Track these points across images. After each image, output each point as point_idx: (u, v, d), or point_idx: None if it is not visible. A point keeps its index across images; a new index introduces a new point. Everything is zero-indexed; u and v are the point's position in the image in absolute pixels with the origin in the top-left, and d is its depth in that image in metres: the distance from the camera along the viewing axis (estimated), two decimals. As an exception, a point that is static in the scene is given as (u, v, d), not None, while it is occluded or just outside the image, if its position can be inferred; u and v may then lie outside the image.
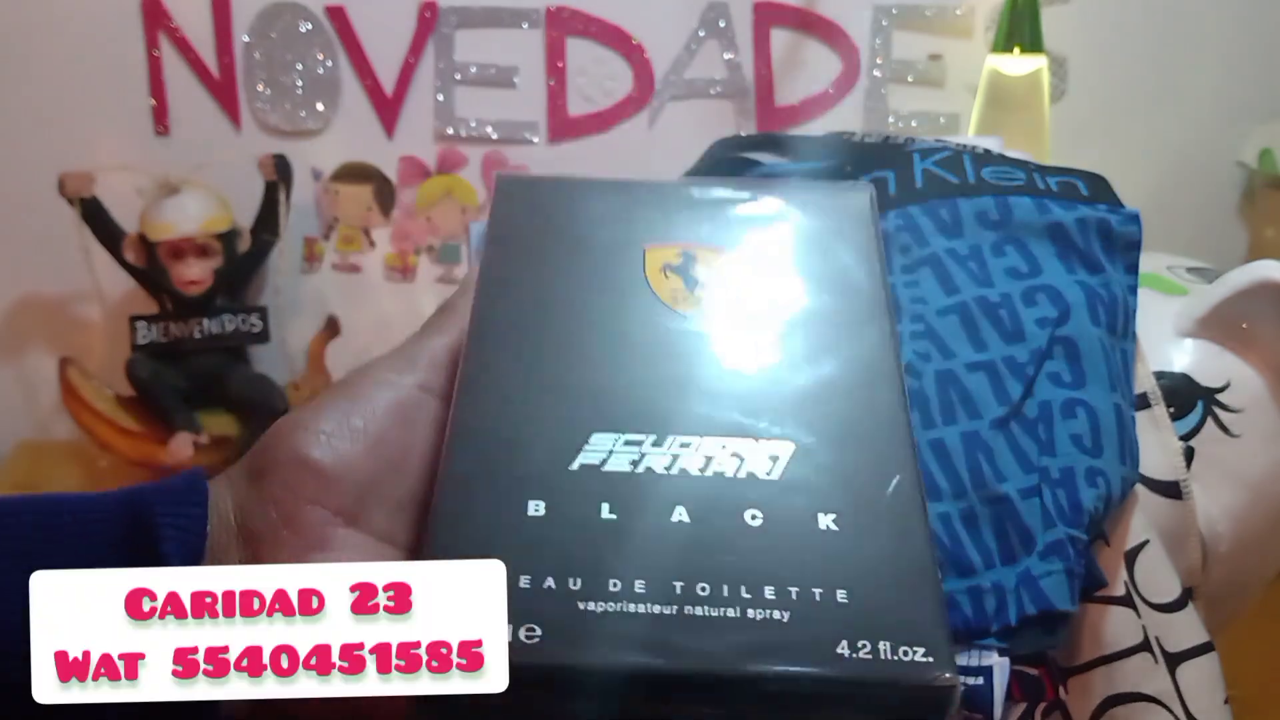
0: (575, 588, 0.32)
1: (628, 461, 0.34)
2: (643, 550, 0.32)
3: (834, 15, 1.51)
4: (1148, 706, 0.68)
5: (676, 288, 0.38)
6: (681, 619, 0.31)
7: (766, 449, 0.34)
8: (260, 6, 1.51)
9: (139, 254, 1.42)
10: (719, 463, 0.34)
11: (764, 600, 0.31)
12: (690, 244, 0.40)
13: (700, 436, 0.35)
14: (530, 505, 0.34)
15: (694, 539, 0.33)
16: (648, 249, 0.40)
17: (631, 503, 0.33)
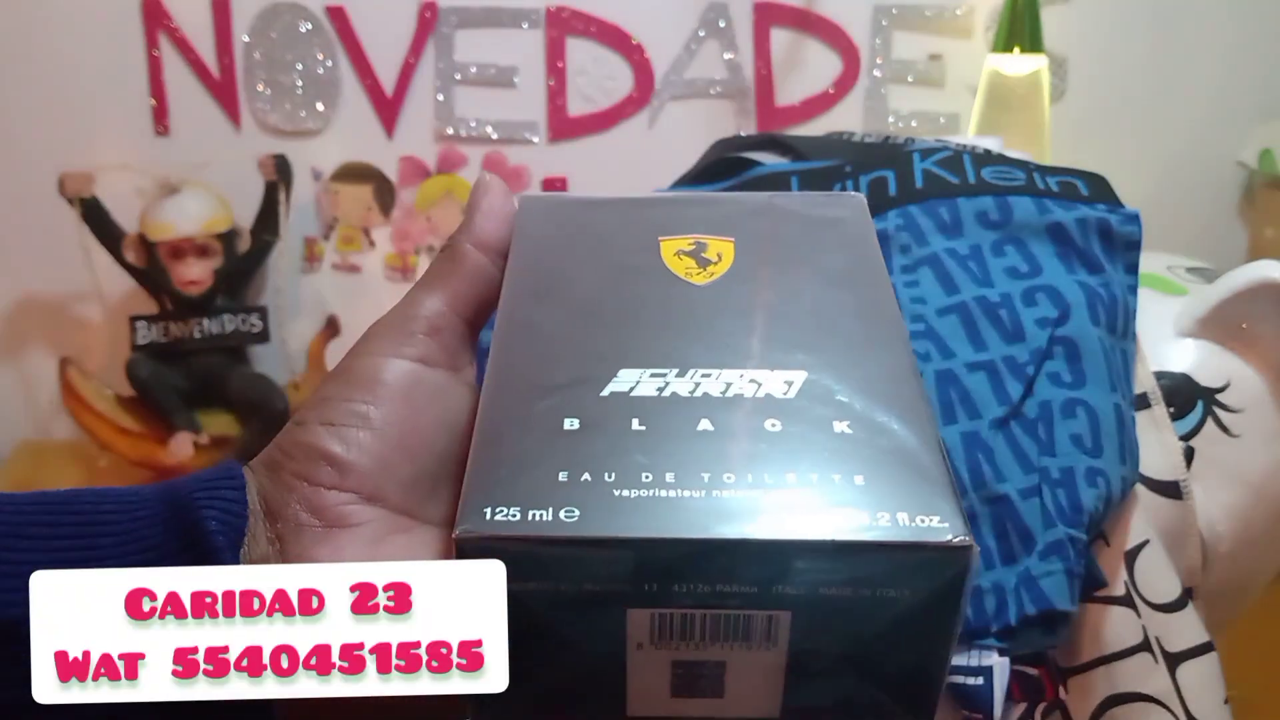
0: (610, 479, 0.34)
1: (654, 389, 0.37)
2: (671, 450, 0.35)
3: (834, 15, 1.51)
4: (1148, 706, 0.68)
5: (690, 265, 0.42)
6: (710, 500, 0.33)
7: (782, 376, 0.37)
8: (260, 6, 1.51)
9: (139, 254, 1.42)
10: (738, 387, 0.37)
11: (787, 484, 0.33)
12: (701, 235, 0.43)
13: (720, 369, 0.37)
14: (566, 421, 0.36)
15: (718, 442, 0.35)
16: (663, 240, 0.43)
17: (659, 417, 0.36)
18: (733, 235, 0.43)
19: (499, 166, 1.55)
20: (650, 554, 0.32)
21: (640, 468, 0.34)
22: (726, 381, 0.37)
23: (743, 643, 0.34)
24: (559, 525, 0.32)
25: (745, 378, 0.37)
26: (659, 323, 0.40)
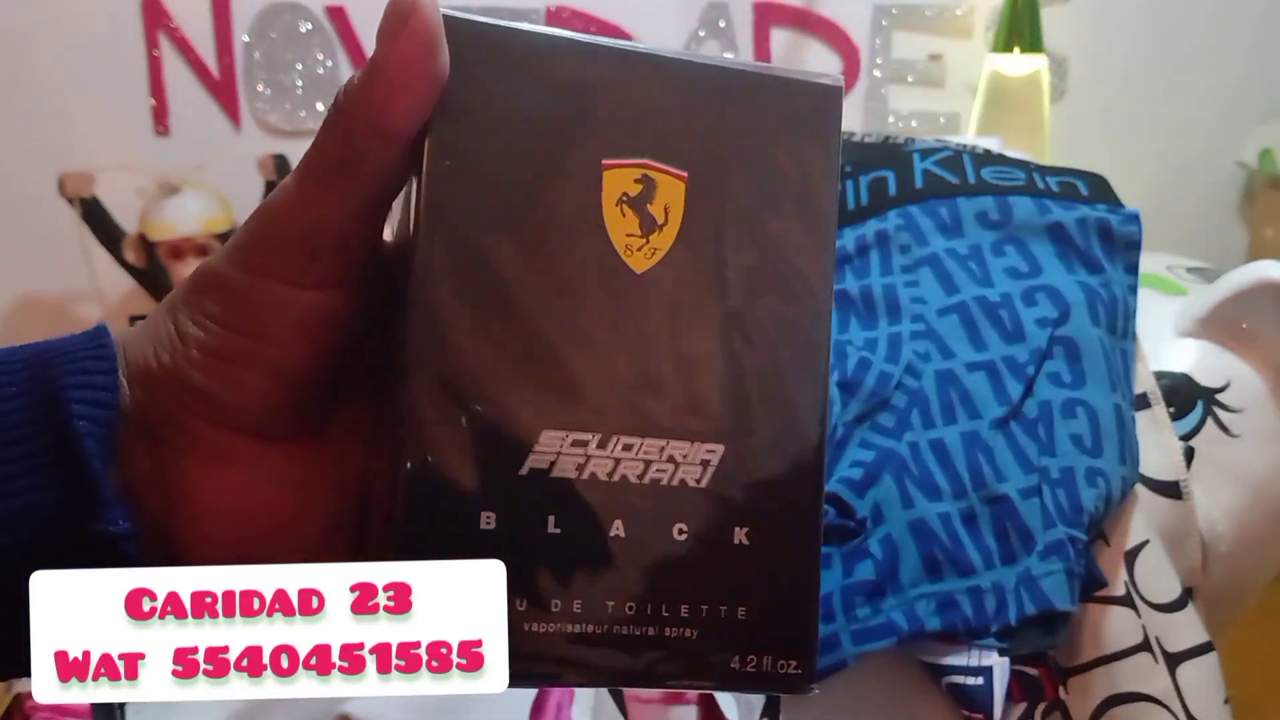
0: (521, 608, 0.34)
1: (573, 466, 0.35)
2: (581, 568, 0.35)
3: (834, 15, 1.51)
4: (1148, 706, 0.68)
5: (631, 230, 0.36)
6: (610, 639, 0.35)
7: (700, 453, 0.36)
8: (260, 6, 1.51)
9: (139, 254, 1.42)
10: (656, 468, 0.36)
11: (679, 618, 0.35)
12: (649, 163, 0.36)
13: (641, 438, 0.36)
14: (483, 518, 0.35)
15: (626, 555, 0.35)
16: (606, 168, 0.36)
17: (573, 517, 0.35)
18: (686, 166, 0.36)
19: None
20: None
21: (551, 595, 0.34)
22: (646, 459, 0.36)
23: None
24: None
25: (664, 453, 0.36)
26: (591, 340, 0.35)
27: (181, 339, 0.36)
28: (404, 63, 0.34)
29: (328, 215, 0.35)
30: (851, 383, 0.72)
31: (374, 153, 0.35)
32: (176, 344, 0.36)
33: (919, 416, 0.71)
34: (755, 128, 0.37)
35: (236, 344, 0.36)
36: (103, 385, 0.35)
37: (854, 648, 0.64)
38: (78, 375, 0.35)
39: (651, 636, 0.35)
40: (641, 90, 0.36)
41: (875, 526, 0.68)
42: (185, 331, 0.36)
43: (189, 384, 0.36)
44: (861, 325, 0.76)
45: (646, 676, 0.35)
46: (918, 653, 0.66)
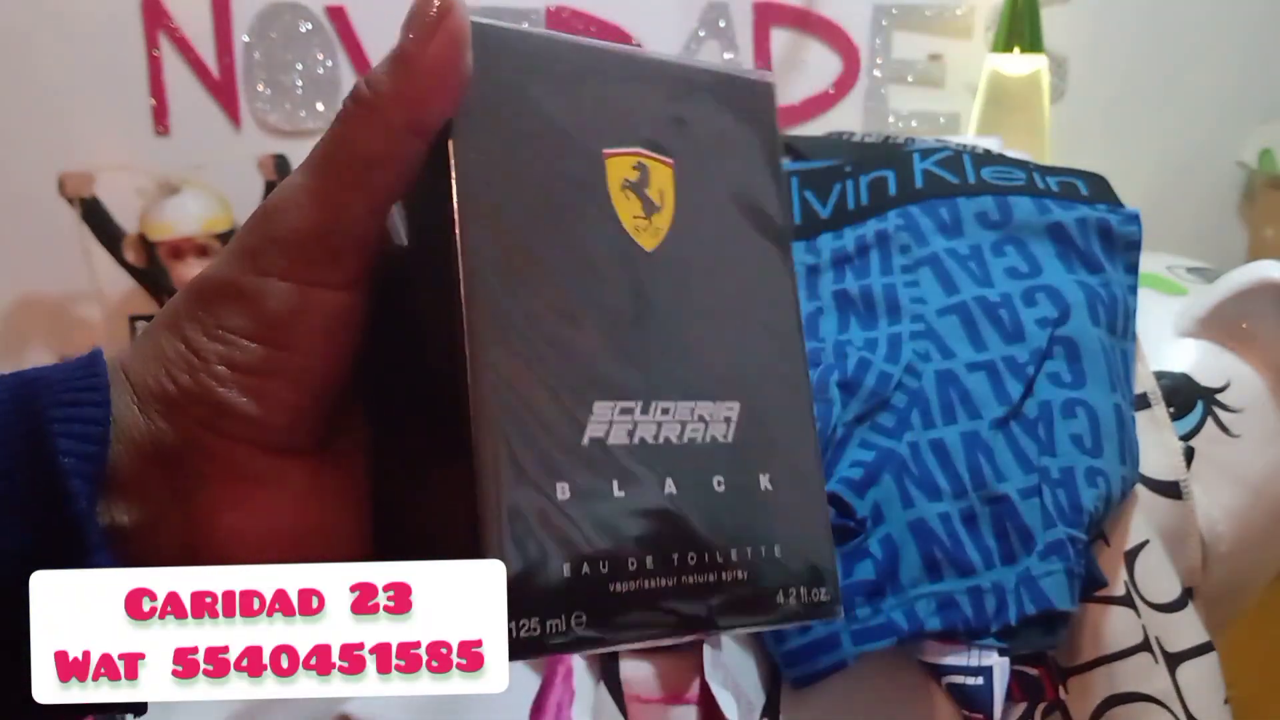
0: (605, 571, 0.36)
1: (625, 433, 0.37)
2: (647, 526, 0.37)
3: (834, 15, 1.51)
4: (1148, 706, 0.68)
5: (637, 213, 0.39)
6: (681, 590, 0.37)
7: (722, 411, 0.39)
8: (260, 6, 1.51)
9: (139, 254, 1.42)
10: (691, 429, 0.39)
11: (731, 563, 0.38)
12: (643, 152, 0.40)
13: (674, 401, 0.38)
14: (559, 488, 0.36)
15: (681, 511, 0.38)
16: (607, 156, 0.39)
17: (633, 478, 0.37)
18: (672, 155, 0.40)
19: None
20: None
21: (628, 554, 0.36)
22: (681, 421, 0.38)
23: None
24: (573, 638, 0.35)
25: (695, 414, 0.39)
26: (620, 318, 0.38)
27: (199, 356, 0.34)
28: (439, 59, 0.34)
29: (352, 212, 0.35)
30: (851, 383, 0.72)
31: (406, 147, 0.35)
32: (194, 362, 0.34)
33: (919, 416, 0.71)
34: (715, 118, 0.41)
35: (264, 356, 0.35)
36: (92, 419, 0.34)
37: (854, 648, 0.64)
38: (65, 408, 0.34)
39: (713, 583, 0.38)
40: (627, 86, 0.40)
41: (875, 526, 0.68)
42: (203, 348, 0.34)
43: (216, 403, 0.34)
44: (861, 325, 0.76)
45: (711, 621, 0.38)
46: (918, 653, 0.66)
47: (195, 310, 0.35)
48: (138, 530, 0.35)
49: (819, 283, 0.79)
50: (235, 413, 0.35)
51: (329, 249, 0.35)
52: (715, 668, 0.63)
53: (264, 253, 0.35)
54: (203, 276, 0.36)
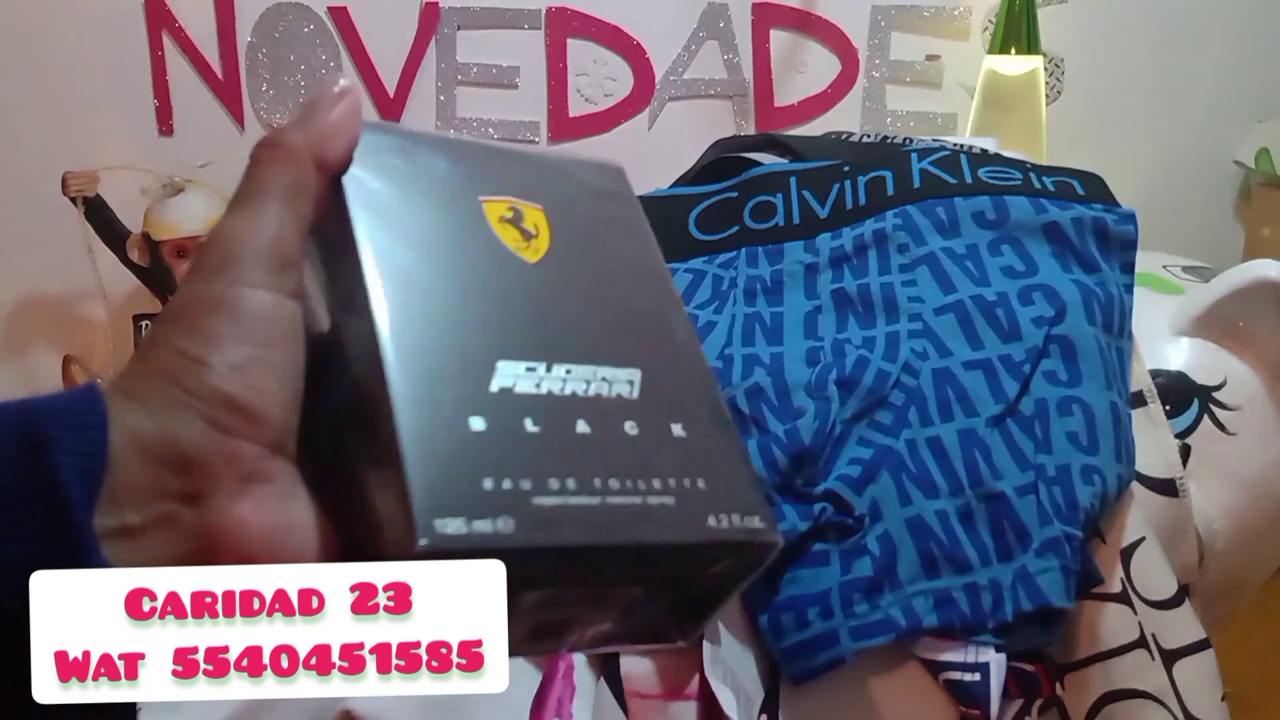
0: (526, 487, 0.37)
1: (532, 385, 0.40)
2: (565, 456, 0.39)
3: (832, 16, 1.51)
4: (1144, 703, 0.68)
5: (516, 237, 0.45)
6: (607, 508, 0.38)
7: (624, 374, 0.42)
8: (264, 7, 1.51)
9: (143, 253, 1.43)
10: (596, 386, 0.42)
11: (653, 489, 0.39)
12: (515, 199, 0.46)
13: (577, 364, 0.42)
14: (473, 420, 0.38)
15: (595, 446, 0.40)
16: (484, 201, 0.45)
17: (545, 418, 0.40)
18: (540, 202, 0.46)
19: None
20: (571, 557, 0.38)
21: (548, 474, 0.38)
22: (585, 379, 0.41)
23: (597, 608, 0.41)
24: (499, 537, 0.35)
25: (599, 375, 0.42)
26: (515, 307, 0.43)
27: (198, 361, 0.37)
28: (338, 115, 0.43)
29: (289, 229, 0.40)
30: (849, 381, 0.72)
31: (314, 179, 0.42)
32: (195, 367, 0.37)
33: (916, 414, 0.71)
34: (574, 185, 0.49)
35: (253, 354, 0.38)
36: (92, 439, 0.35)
37: (852, 644, 0.64)
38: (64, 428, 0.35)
39: (639, 505, 0.39)
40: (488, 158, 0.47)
41: (873, 524, 0.68)
42: (198, 354, 0.37)
43: (223, 399, 0.37)
44: (859, 324, 0.76)
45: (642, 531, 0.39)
46: (915, 649, 0.66)
47: (180, 327, 0.38)
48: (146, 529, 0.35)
49: (817, 282, 0.79)
50: (238, 406, 0.37)
51: (281, 261, 0.40)
52: (715, 663, 0.64)
53: (226, 267, 0.39)
54: (176, 300, 0.40)
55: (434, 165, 0.46)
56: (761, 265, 0.81)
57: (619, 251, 0.47)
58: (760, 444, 0.70)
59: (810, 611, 0.65)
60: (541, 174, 0.48)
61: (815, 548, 0.68)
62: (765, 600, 0.67)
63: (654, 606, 0.42)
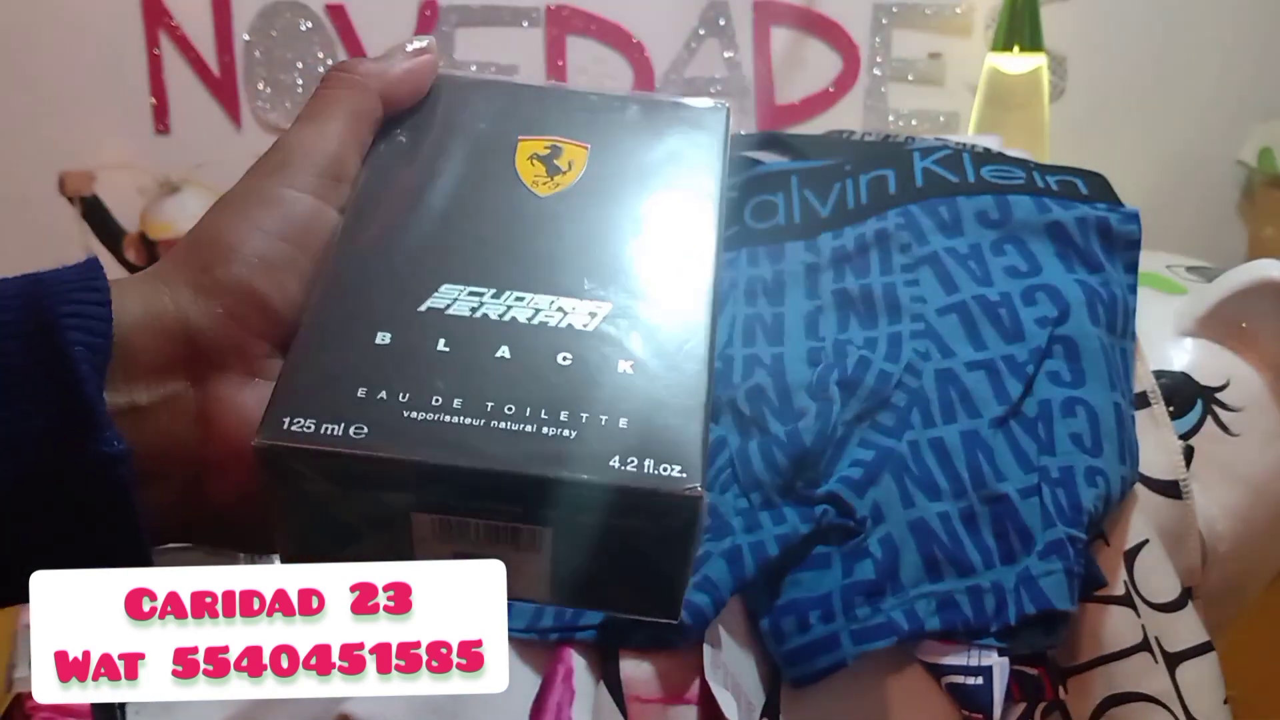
0: (403, 399, 0.37)
1: (468, 309, 0.40)
2: (465, 376, 0.38)
3: (834, 14, 1.51)
4: (1147, 706, 0.68)
5: (539, 173, 0.45)
6: (488, 430, 0.37)
7: (588, 306, 0.41)
8: (261, 5, 1.51)
9: (140, 253, 1.43)
10: (545, 315, 0.40)
11: (558, 421, 0.37)
12: (559, 138, 0.46)
13: (533, 293, 0.41)
14: (379, 335, 0.39)
15: (510, 371, 0.39)
16: (521, 139, 0.46)
17: (464, 339, 0.39)
18: (589, 140, 0.46)
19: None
20: (424, 475, 0.36)
21: (433, 391, 0.37)
22: (536, 308, 0.40)
23: (511, 546, 0.38)
24: (345, 441, 0.36)
25: (554, 305, 0.41)
26: (493, 236, 0.43)
27: (231, 248, 0.39)
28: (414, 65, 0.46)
29: (348, 147, 0.44)
30: (851, 382, 0.72)
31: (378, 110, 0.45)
32: (228, 254, 0.39)
33: (919, 415, 0.71)
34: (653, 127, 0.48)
35: (288, 254, 0.40)
36: (96, 315, 0.37)
37: (854, 647, 0.64)
38: (72, 304, 0.37)
39: (529, 433, 0.37)
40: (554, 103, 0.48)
41: (875, 526, 0.68)
42: (234, 240, 0.40)
43: (247, 292, 0.39)
44: (861, 325, 0.76)
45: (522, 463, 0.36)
46: (917, 652, 0.66)
47: (226, 213, 0.41)
48: (153, 409, 0.37)
49: (819, 281, 0.79)
50: (263, 304, 0.39)
51: (334, 175, 0.43)
52: (715, 667, 0.63)
53: (286, 170, 0.42)
54: (235, 190, 0.42)
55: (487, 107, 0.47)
56: (762, 265, 0.81)
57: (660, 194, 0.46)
58: (761, 445, 0.70)
59: (811, 615, 0.65)
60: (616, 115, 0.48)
61: (817, 550, 0.67)
62: (766, 603, 0.66)
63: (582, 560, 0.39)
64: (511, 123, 0.47)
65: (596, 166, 0.46)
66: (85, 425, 0.35)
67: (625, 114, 0.48)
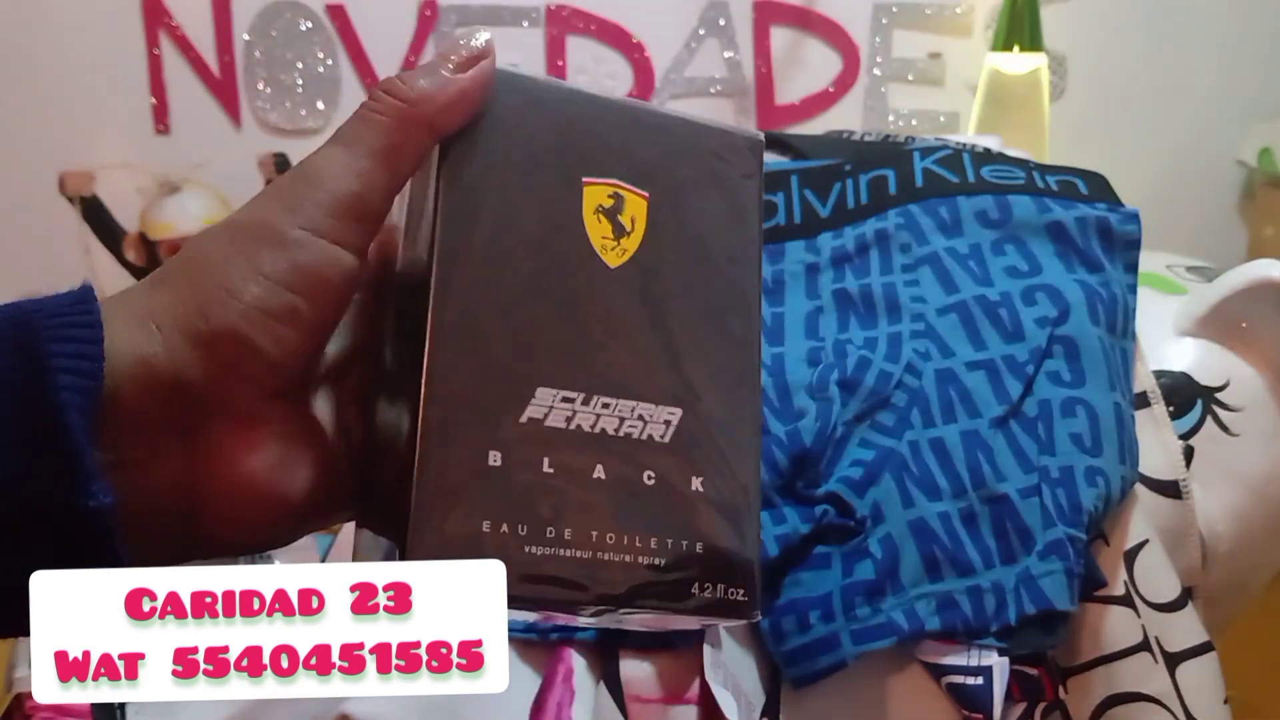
0: (522, 533, 0.39)
1: (563, 419, 0.41)
2: (570, 503, 0.40)
3: (834, 13, 1.51)
4: (1147, 706, 0.68)
5: (607, 234, 0.43)
6: (595, 562, 0.40)
7: (664, 413, 0.43)
8: (260, 5, 1.51)
9: (140, 253, 1.43)
10: (629, 425, 0.42)
11: (649, 549, 0.41)
12: (621, 183, 0.44)
13: (617, 398, 0.42)
14: (491, 455, 0.40)
15: (608, 493, 0.41)
16: (586, 184, 0.44)
17: (565, 459, 0.41)
18: (648, 189, 0.45)
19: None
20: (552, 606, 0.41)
21: (545, 523, 0.40)
22: (620, 416, 0.42)
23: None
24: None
25: (635, 412, 0.42)
26: (575, 323, 0.42)
27: (236, 297, 0.37)
28: (469, 86, 0.41)
29: (376, 186, 0.40)
30: (851, 382, 0.72)
31: (422, 142, 0.41)
32: (230, 302, 0.37)
33: (919, 415, 0.71)
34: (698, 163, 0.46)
35: (292, 305, 0.38)
36: (88, 355, 0.35)
37: (854, 647, 0.64)
38: (63, 343, 0.35)
39: (628, 563, 0.41)
40: (612, 126, 0.45)
41: (875, 526, 0.68)
42: (241, 290, 0.37)
43: (246, 346, 0.37)
44: (861, 325, 0.76)
45: (624, 599, 0.41)
46: (917, 653, 0.66)
47: (238, 245, 0.38)
48: (138, 462, 0.36)
49: (819, 281, 0.79)
50: (259, 357, 0.37)
51: (356, 216, 0.39)
52: (715, 667, 0.63)
53: (305, 208, 0.39)
54: (243, 219, 0.39)
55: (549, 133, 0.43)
56: (763, 265, 0.81)
57: (712, 251, 0.46)
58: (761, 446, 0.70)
59: (812, 615, 0.65)
60: (665, 148, 0.46)
61: (817, 550, 0.67)
62: (766, 603, 0.66)
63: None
64: (574, 156, 0.44)
65: (654, 227, 0.44)
66: (71, 475, 0.34)
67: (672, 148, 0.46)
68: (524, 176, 0.43)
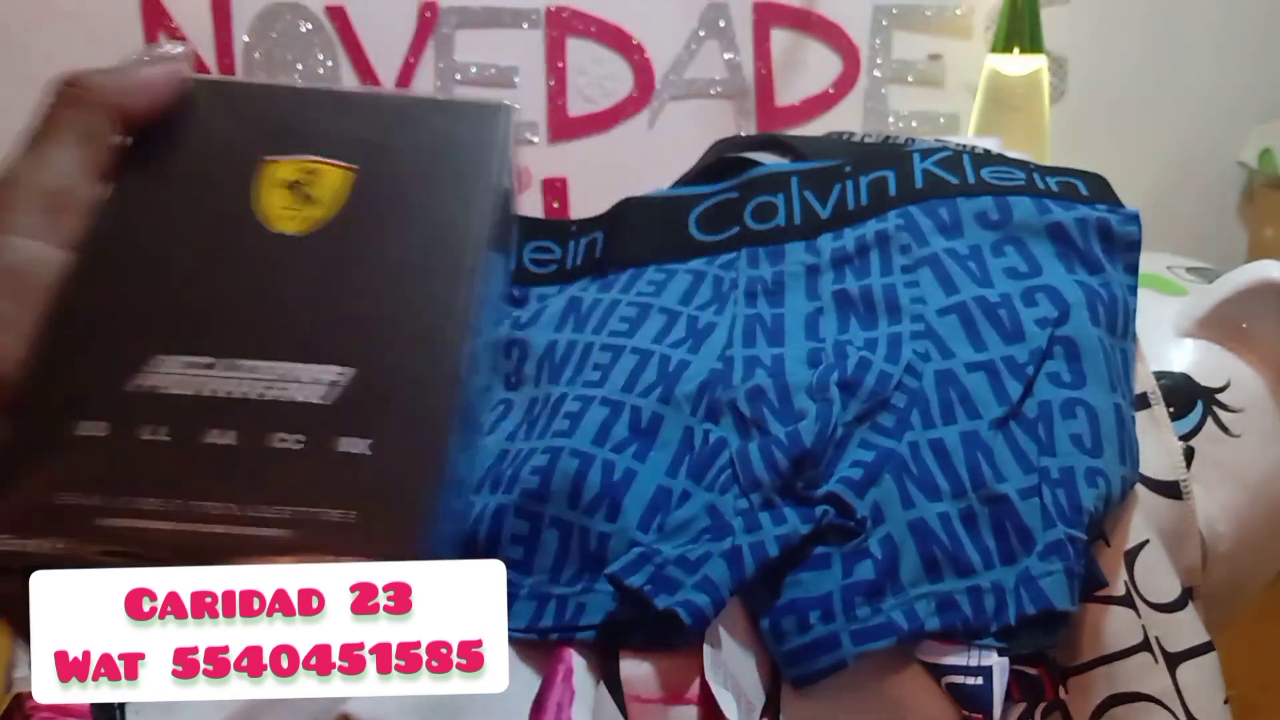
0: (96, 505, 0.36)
1: (185, 385, 0.39)
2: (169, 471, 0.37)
3: (834, 15, 1.51)
4: (1148, 706, 0.68)
5: (285, 204, 0.43)
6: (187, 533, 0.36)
7: (328, 374, 0.40)
8: (260, 6, 1.51)
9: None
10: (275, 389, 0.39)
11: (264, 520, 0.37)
12: (314, 159, 0.44)
13: (261, 360, 0.40)
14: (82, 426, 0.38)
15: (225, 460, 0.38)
16: (266, 161, 0.44)
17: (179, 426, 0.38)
18: (358, 161, 0.44)
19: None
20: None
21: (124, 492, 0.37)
22: (265, 380, 0.39)
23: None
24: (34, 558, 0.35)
25: (288, 374, 0.39)
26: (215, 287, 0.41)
27: None
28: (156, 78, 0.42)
29: (75, 176, 0.40)
30: (851, 383, 0.72)
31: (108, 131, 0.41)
32: None
33: (919, 416, 0.71)
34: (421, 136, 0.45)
35: (5, 311, 0.37)
36: None
37: (854, 647, 0.64)
38: None
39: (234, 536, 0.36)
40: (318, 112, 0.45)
41: (875, 526, 0.68)
42: None
43: None
44: (861, 326, 0.76)
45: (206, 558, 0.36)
46: (917, 652, 0.66)
47: None
48: None
49: (819, 283, 0.79)
50: None
51: (61, 209, 0.39)
52: (715, 668, 0.63)
53: (12, 214, 0.38)
54: None
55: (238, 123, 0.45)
56: (762, 266, 0.81)
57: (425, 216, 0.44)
58: (761, 446, 0.70)
59: (812, 615, 0.65)
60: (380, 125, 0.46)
61: (816, 551, 0.67)
62: (766, 603, 0.66)
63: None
64: (260, 140, 0.44)
65: (358, 196, 0.44)
66: None
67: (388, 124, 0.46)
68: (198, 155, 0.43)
